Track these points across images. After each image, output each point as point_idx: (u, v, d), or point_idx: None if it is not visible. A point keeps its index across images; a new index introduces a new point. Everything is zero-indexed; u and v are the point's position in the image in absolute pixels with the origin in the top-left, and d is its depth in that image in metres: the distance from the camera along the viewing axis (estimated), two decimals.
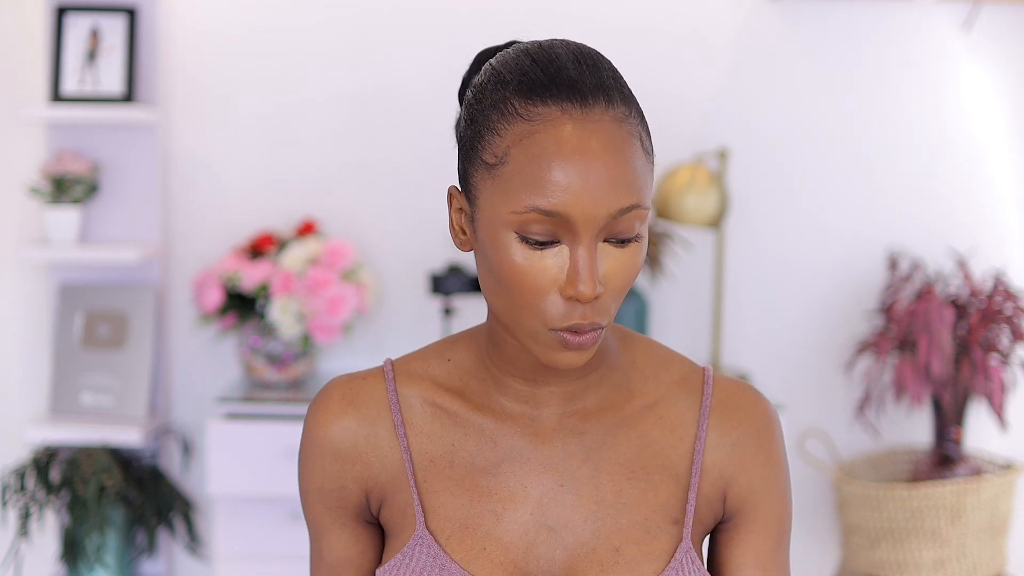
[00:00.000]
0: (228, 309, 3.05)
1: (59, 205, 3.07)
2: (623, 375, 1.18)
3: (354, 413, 1.18)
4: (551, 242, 1.04)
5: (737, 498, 1.18)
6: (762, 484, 1.18)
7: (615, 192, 1.02)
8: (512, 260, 1.04)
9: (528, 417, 1.16)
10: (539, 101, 1.04)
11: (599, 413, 1.16)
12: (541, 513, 1.14)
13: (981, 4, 3.26)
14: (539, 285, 1.04)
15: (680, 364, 1.21)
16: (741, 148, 3.29)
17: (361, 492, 1.19)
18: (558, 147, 1.02)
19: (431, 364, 1.20)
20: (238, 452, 2.89)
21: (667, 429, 1.17)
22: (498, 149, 1.05)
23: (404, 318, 3.31)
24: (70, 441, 3.02)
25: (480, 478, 1.15)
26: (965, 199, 3.32)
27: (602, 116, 1.03)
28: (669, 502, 1.15)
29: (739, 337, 3.33)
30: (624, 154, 1.03)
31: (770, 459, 1.18)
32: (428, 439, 1.17)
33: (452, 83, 3.27)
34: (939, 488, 2.91)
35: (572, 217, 1.02)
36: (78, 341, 3.15)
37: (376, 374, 1.21)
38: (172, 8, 3.24)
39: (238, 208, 3.28)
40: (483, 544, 1.13)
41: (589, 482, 1.15)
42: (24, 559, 3.32)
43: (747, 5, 3.27)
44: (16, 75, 3.26)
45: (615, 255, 1.05)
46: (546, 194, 1.01)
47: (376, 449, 1.18)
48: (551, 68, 1.05)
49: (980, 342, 2.97)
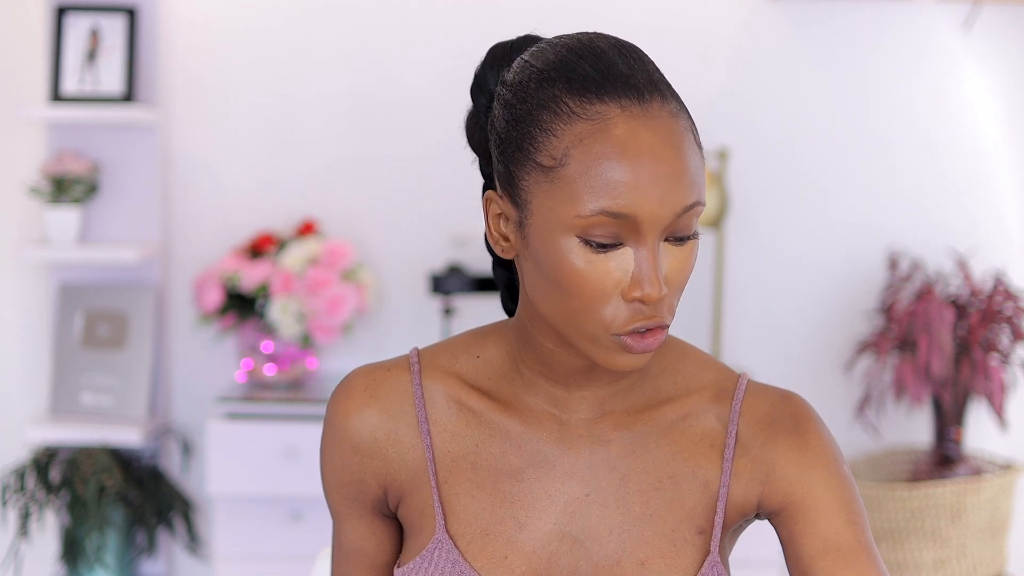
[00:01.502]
0: (228, 309, 3.05)
1: (59, 205, 3.07)
2: (653, 382, 1.15)
3: (376, 406, 1.15)
4: (614, 244, 1.00)
5: (777, 493, 1.11)
6: (803, 472, 1.11)
7: (680, 190, 0.99)
8: (573, 265, 1.00)
9: (556, 422, 1.13)
10: (595, 99, 0.99)
11: (628, 420, 1.13)
12: (565, 522, 1.11)
13: (981, 4, 3.26)
14: (602, 289, 1.00)
15: (715, 371, 1.16)
16: (741, 148, 3.29)
17: (379, 487, 1.16)
18: (624, 146, 0.98)
19: (459, 359, 1.16)
20: (238, 452, 2.89)
21: (696, 437, 1.13)
22: (555, 151, 1.00)
23: (404, 318, 3.31)
24: (70, 441, 3.02)
25: (503, 482, 1.12)
26: (965, 199, 3.32)
27: (660, 112, 1.00)
28: (696, 511, 1.11)
29: (739, 337, 3.33)
30: (684, 150, 1.00)
31: (807, 447, 1.12)
32: (452, 438, 1.14)
33: (452, 83, 3.27)
34: (939, 488, 2.91)
35: (640, 218, 0.98)
36: (78, 341, 3.15)
37: (401, 365, 1.17)
38: (172, 8, 3.24)
39: (238, 208, 3.28)
40: (504, 552, 1.10)
41: (616, 492, 1.11)
42: (24, 559, 3.32)
43: (747, 5, 3.27)
44: (16, 75, 3.26)
45: (675, 253, 1.02)
46: (613, 196, 0.98)
47: (397, 445, 1.14)
48: (600, 64, 1.01)
49: (980, 342, 2.97)
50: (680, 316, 3.33)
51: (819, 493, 1.10)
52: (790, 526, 1.11)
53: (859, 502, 1.12)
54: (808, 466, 1.11)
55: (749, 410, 1.14)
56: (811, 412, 1.15)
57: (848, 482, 1.12)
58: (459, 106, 3.27)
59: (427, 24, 3.26)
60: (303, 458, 2.90)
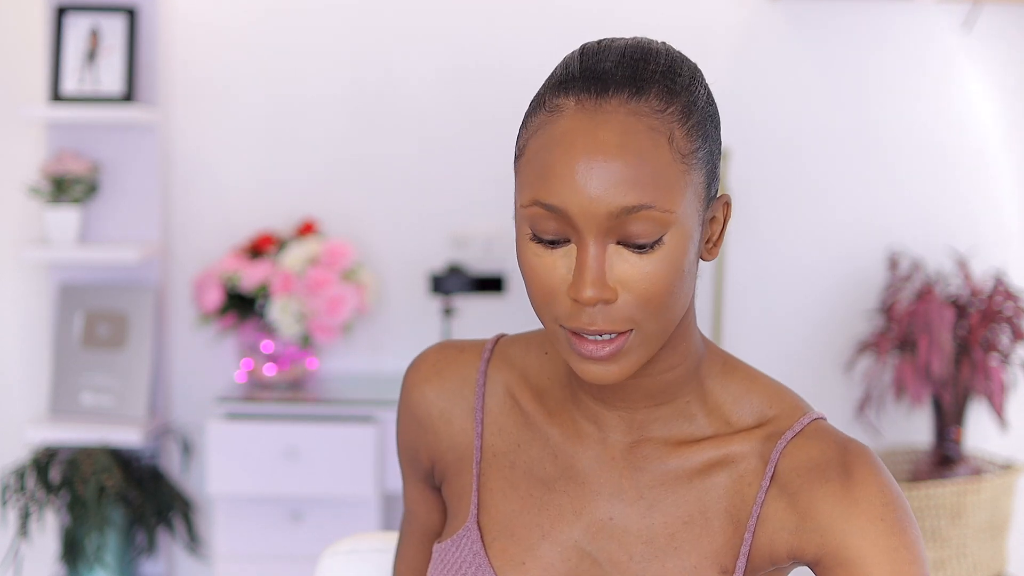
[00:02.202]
0: (228, 309, 3.05)
1: (59, 205, 3.07)
2: (706, 416, 1.09)
3: (439, 383, 1.16)
4: (562, 241, 0.97)
5: (810, 545, 1.03)
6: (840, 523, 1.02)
7: (618, 189, 0.93)
8: (526, 256, 0.99)
9: (594, 439, 1.10)
10: (561, 92, 0.98)
11: (666, 451, 1.08)
12: (587, 541, 1.09)
13: (981, 4, 3.26)
14: (549, 284, 0.98)
15: (779, 406, 1.09)
16: (741, 148, 3.29)
17: (428, 460, 1.18)
18: (562, 138, 0.95)
19: (531, 353, 1.16)
20: (238, 452, 2.89)
21: (735, 476, 1.07)
22: (522, 141, 1.00)
23: (404, 318, 3.31)
24: (70, 441, 3.02)
25: (535, 488, 1.11)
26: (965, 199, 3.32)
27: (619, 108, 0.95)
28: (722, 551, 1.06)
29: (739, 337, 3.33)
30: (633, 148, 0.94)
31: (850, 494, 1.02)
32: (500, 432, 1.14)
33: (453, 83, 3.27)
34: (939, 488, 2.91)
35: (571, 213, 0.94)
36: (78, 341, 3.15)
37: (476, 349, 1.18)
38: (172, 8, 3.24)
39: (238, 208, 3.28)
40: (524, 558, 1.10)
41: (641, 520, 1.08)
42: (24, 559, 3.32)
43: (747, 5, 3.27)
44: (16, 75, 3.26)
45: (632, 260, 0.96)
46: (547, 187, 0.95)
47: (449, 426, 1.16)
48: (591, 61, 0.99)
49: (980, 342, 2.97)
50: None
51: (858, 544, 1.00)
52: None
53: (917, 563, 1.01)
54: (849, 516, 1.01)
55: (796, 450, 1.05)
56: (870, 460, 1.04)
57: (903, 534, 1.01)
58: (460, 106, 3.27)
59: (427, 24, 3.26)
60: (303, 458, 2.90)
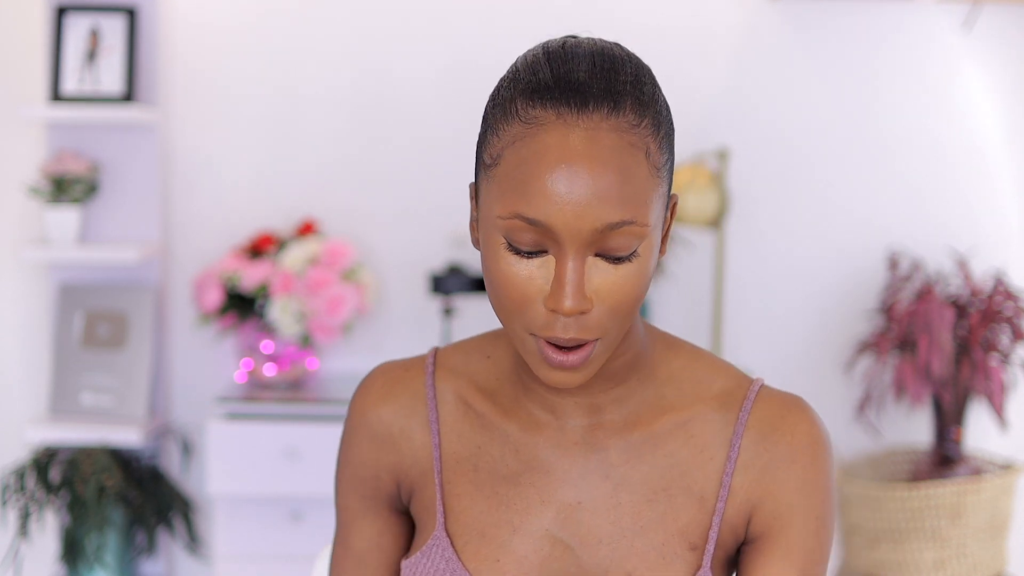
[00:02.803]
0: (228, 309, 3.05)
1: (59, 205, 3.07)
2: (656, 389, 1.13)
3: (392, 403, 1.18)
4: (539, 251, 0.99)
5: (761, 522, 1.10)
6: (790, 509, 1.10)
7: (603, 206, 0.95)
8: (500, 265, 1.00)
9: (553, 428, 1.12)
10: (539, 103, 0.98)
11: (625, 429, 1.11)
12: (558, 528, 1.11)
13: (981, 4, 3.26)
14: (524, 293, 0.99)
15: (725, 377, 1.14)
16: (741, 148, 3.29)
17: (393, 482, 1.19)
18: (544, 153, 0.96)
19: (472, 359, 1.18)
20: (238, 452, 2.89)
21: (696, 449, 1.11)
22: (495, 150, 1.00)
23: (404, 318, 3.31)
24: (70, 441, 3.02)
25: (500, 486, 1.13)
26: (965, 199, 3.32)
27: (600, 123, 0.97)
28: (689, 527, 1.09)
29: (739, 337, 3.33)
30: (617, 165, 0.96)
31: (805, 483, 1.10)
32: (458, 439, 1.16)
33: (452, 83, 3.27)
34: (939, 488, 2.91)
35: (554, 228, 0.96)
36: (78, 341, 3.15)
37: (419, 364, 1.20)
38: (172, 8, 3.24)
39: (238, 208, 3.28)
40: (497, 555, 1.11)
41: (607, 501, 1.10)
42: (24, 559, 3.32)
43: (747, 5, 3.27)
44: (16, 75, 3.26)
45: (608, 271, 0.99)
46: (530, 202, 0.96)
47: (410, 442, 1.17)
48: (561, 69, 0.99)
49: (980, 342, 2.97)
50: (680, 316, 3.33)
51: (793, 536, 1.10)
52: (751, 554, 1.12)
53: (824, 551, 1.11)
54: (797, 503, 1.10)
55: (756, 423, 1.11)
56: (819, 439, 1.12)
57: (824, 527, 1.11)
58: (459, 106, 3.27)
59: (427, 24, 3.26)
60: (303, 458, 2.90)
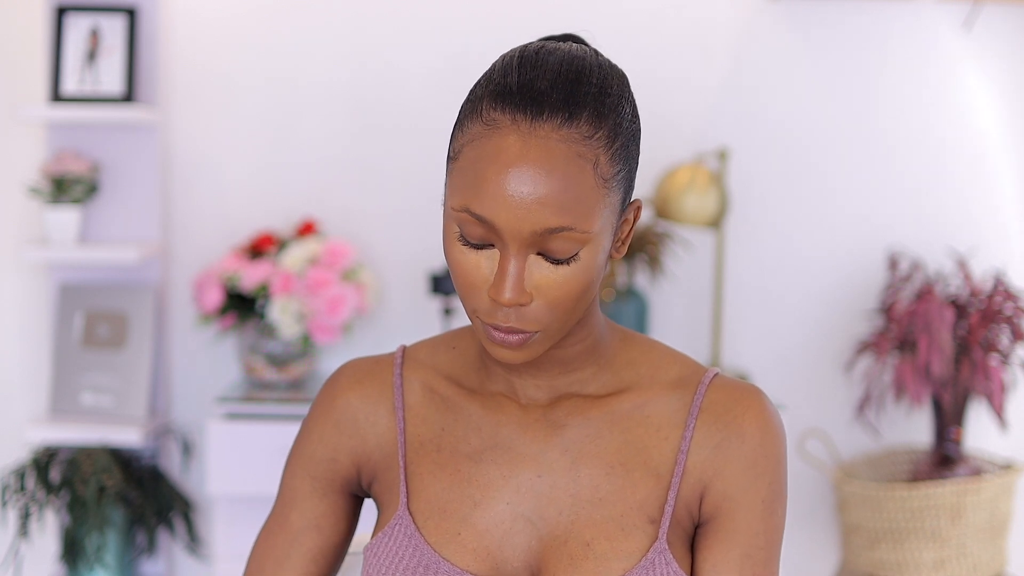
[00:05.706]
0: (228, 309, 3.05)
1: (59, 205, 3.07)
2: (615, 374, 1.20)
3: (360, 391, 1.25)
4: (487, 244, 1.07)
5: (711, 503, 1.16)
6: (738, 491, 1.16)
7: (543, 211, 1.03)
8: (453, 252, 1.09)
9: (514, 406, 1.19)
10: (499, 107, 1.05)
11: (585, 408, 1.18)
12: (518, 502, 1.17)
13: (981, 4, 3.26)
14: (472, 281, 1.08)
15: (680, 365, 1.21)
16: (741, 148, 3.29)
17: (352, 465, 1.24)
18: (497, 155, 1.04)
19: (438, 351, 1.25)
20: (238, 452, 2.89)
21: (652, 428, 1.17)
22: (458, 144, 1.08)
23: (404, 318, 3.31)
24: (70, 441, 3.02)
25: (463, 464, 1.19)
26: (965, 199, 3.32)
27: (551, 133, 1.03)
28: (648, 500, 1.15)
29: (739, 337, 3.33)
30: (561, 174, 1.03)
31: (753, 465, 1.16)
32: (422, 423, 1.22)
33: (453, 82, 3.27)
34: (939, 488, 2.91)
35: (497, 226, 1.04)
36: (78, 341, 3.15)
37: (388, 359, 1.27)
38: (172, 8, 3.24)
39: (238, 208, 3.28)
40: (458, 529, 1.16)
41: (566, 475, 1.16)
42: (24, 559, 3.32)
43: (747, 4, 3.27)
44: (16, 75, 3.26)
45: (549, 270, 1.07)
46: (479, 199, 1.04)
47: (374, 427, 1.23)
48: (528, 76, 1.06)
49: (980, 342, 2.97)
50: (680, 316, 3.33)
51: (738, 519, 1.15)
52: (701, 536, 1.17)
53: (770, 535, 1.16)
54: (745, 486, 1.16)
55: (710, 406, 1.17)
56: (771, 423, 1.17)
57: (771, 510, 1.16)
58: (460, 106, 3.27)
59: (428, 24, 3.26)
60: None
